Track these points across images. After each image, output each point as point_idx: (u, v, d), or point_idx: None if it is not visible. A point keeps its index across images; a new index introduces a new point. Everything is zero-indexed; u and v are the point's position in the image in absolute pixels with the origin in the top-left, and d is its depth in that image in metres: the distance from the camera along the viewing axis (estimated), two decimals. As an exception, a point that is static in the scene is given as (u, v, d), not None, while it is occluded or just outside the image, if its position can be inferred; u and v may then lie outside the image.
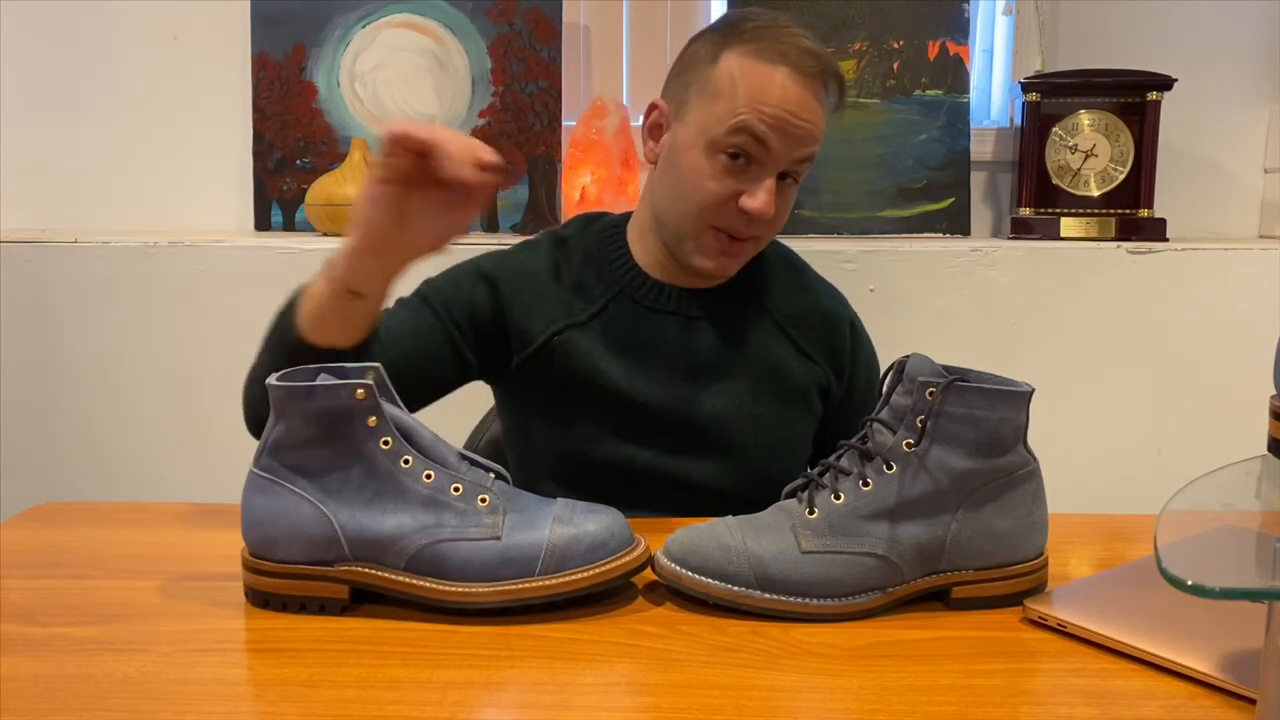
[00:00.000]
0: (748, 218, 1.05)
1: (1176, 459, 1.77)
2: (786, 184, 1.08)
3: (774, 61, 1.03)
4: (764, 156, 1.04)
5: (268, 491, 0.79)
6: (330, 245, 1.71)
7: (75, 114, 1.99)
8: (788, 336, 1.16)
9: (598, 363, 1.11)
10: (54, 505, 1.10)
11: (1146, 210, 1.84)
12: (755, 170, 1.05)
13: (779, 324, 1.16)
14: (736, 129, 1.03)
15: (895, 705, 0.66)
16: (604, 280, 1.14)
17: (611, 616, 0.79)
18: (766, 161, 1.04)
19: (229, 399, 1.77)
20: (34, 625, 0.77)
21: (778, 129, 1.03)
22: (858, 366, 1.20)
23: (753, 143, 1.03)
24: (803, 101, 1.03)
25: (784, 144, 1.04)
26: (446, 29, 1.93)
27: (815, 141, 1.06)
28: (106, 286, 1.74)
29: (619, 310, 1.13)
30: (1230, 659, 0.68)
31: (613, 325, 1.13)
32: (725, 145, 1.04)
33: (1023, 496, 0.81)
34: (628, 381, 1.11)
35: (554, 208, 1.92)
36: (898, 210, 1.90)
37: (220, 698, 0.66)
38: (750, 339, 1.14)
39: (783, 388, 1.14)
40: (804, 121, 1.04)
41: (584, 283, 1.14)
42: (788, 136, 1.03)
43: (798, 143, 1.04)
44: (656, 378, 1.11)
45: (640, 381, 1.11)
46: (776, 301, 1.17)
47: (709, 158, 1.05)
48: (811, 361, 1.16)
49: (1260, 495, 0.75)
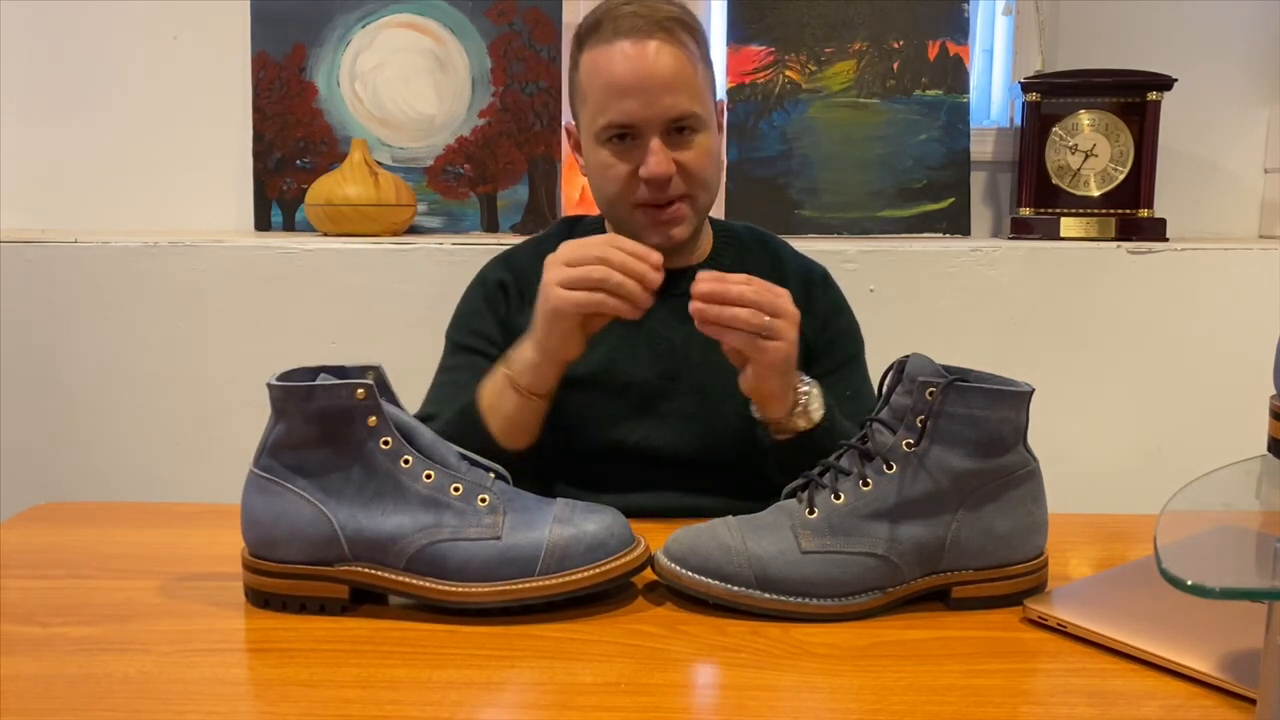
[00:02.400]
0: (655, 183, 1.10)
1: (1176, 459, 1.77)
2: (686, 135, 1.11)
3: (610, 40, 1.09)
4: (638, 125, 1.09)
5: (268, 491, 0.79)
6: (330, 245, 1.72)
7: (75, 114, 1.99)
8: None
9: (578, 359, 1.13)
10: (54, 505, 1.10)
11: (1146, 210, 1.84)
12: (638, 140, 1.10)
13: None
14: (603, 115, 1.10)
15: (895, 705, 0.66)
16: None
17: (611, 616, 0.79)
18: (643, 128, 1.09)
19: (229, 399, 1.78)
20: (34, 625, 0.77)
21: (633, 95, 1.08)
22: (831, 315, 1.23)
23: (621, 119, 1.09)
24: (644, 59, 1.08)
25: (645, 105, 1.08)
26: (446, 29, 1.93)
27: (679, 88, 1.09)
28: (106, 286, 1.74)
29: None
30: (1230, 659, 0.68)
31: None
32: (605, 134, 1.11)
33: (1023, 496, 0.81)
34: (611, 366, 1.14)
35: (554, 208, 1.92)
36: (898, 210, 1.90)
37: (220, 698, 0.66)
38: None
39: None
40: (654, 76, 1.08)
41: None
42: (645, 96, 1.08)
43: (656, 97, 1.08)
44: (639, 359, 1.14)
45: (624, 364, 1.15)
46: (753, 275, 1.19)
47: (601, 150, 1.13)
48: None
49: (1260, 495, 0.75)
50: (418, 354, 1.24)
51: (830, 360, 1.21)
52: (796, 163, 1.90)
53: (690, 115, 1.10)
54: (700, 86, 1.12)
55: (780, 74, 1.92)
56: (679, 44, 1.09)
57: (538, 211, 1.92)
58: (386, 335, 1.71)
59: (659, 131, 1.10)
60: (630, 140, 1.11)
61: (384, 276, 1.71)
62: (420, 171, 1.92)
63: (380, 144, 1.92)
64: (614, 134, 1.11)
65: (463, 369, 1.17)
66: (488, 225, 1.92)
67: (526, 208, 1.92)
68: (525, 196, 1.92)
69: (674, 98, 1.09)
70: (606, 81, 1.09)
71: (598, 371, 1.14)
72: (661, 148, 1.09)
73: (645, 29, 1.08)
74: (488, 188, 1.92)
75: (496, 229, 1.92)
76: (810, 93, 1.92)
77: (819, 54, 1.92)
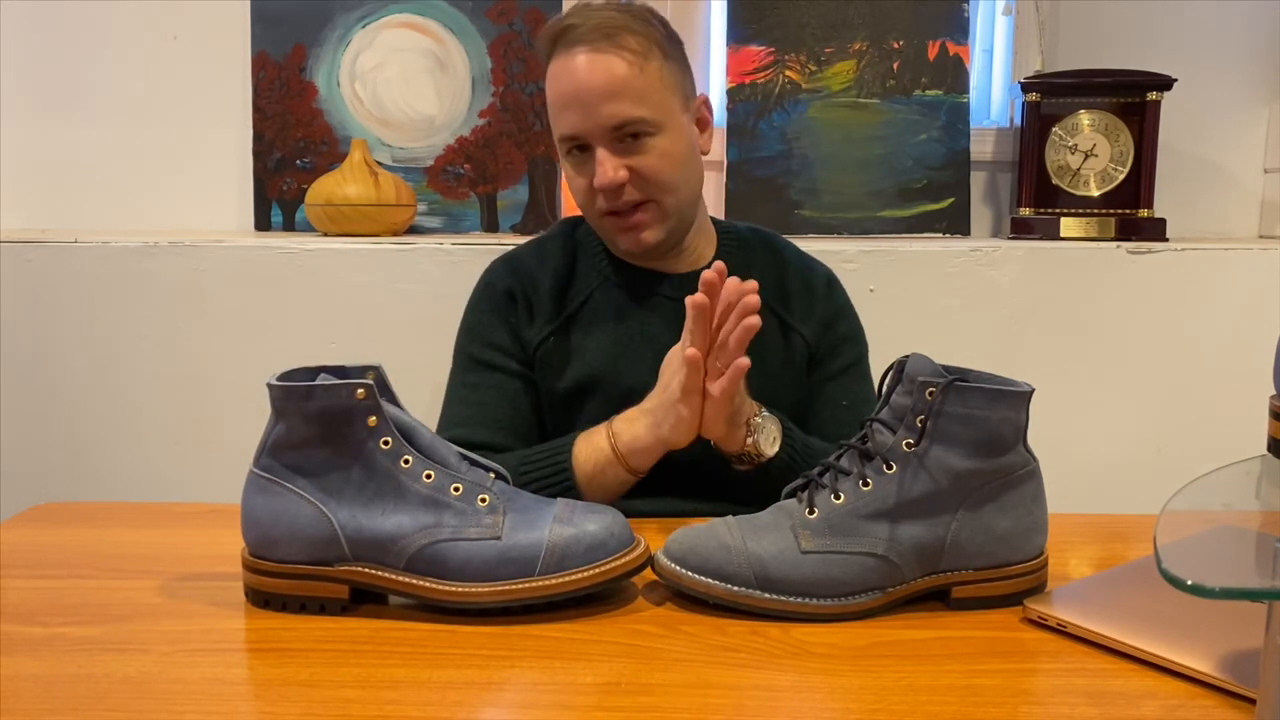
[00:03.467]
0: (606, 192, 1.11)
1: (1176, 459, 1.77)
2: (640, 140, 1.11)
3: (561, 52, 1.11)
4: (582, 136, 1.11)
5: (268, 491, 0.79)
6: (330, 245, 1.72)
7: (75, 114, 1.98)
8: (770, 310, 1.19)
9: (583, 359, 1.15)
10: (54, 505, 1.10)
11: (1146, 210, 1.84)
12: (589, 152, 1.12)
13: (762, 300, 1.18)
14: (557, 128, 1.13)
15: (895, 705, 0.66)
16: (588, 274, 1.20)
17: (611, 616, 0.79)
18: (589, 139, 1.11)
19: (229, 399, 1.78)
20: (34, 625, 0.77)
21: (573, 107, 1.10)
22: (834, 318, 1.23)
23: (568, 130, 1.11)
24: (590, 68, 1.09)
25: (584, 117, 1.09)
26: (446, 29, 1.93)
27: (619, 95, 1.09)
28: (106, 286, 1.74)
29: (603, 300, 1.18)
30: (1230, 659, 0.68)
31: (596, 317, 1.17)
32: (563, 147, 1.14)
33: (1023, 496, 0.81)
34: (614, 369, 1.15)
35: (554, 208, 1.92)
36: (898, 210, 1.90)
37: (220, 698, 0.66)
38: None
39: (768, 362, 1.16)
40: (594, 86, 1.08)
41: (566, 283, 1.19)
42: (583, 107, 1.09)
43: (594, 108, 1.09)
44: (641, 362, 1.14)
45: (626, 367, 1.15)
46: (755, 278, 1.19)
47: (565, 162, 1.16)
48: (795, 333, 1.20)
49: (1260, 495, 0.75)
50: (418, 354, 1.24)
51: (832, 365, 1.21)
52: (796, 163, 1.90)
53: (634, 121, 1.09)
54: (650, 90, 1.10)
55: (780, 74, 1.92)
56: (622, 49, 1.09)
57: (538, 211, 1.92)
58: (386, 335, 1.71)
59: (604, 141, 1.10)
60: (585, 152, 1.12)
61: (384, 276, 1.71)
62: (420, 171, 1.92)
63: (380, 144, 1.92)
64: (570, 146, 1.13)
65: (485, 388, 1.17)
66: (488, 225, 1.92)
67: (526, 208, 1.92)
68: (525, 196, 1.92)
69: (613, 105, 1.09)
70: (555, 94, 1.12)
71: (599, 376, 1.14)
72: (608, 157, 1.10)
73: (588, 38, 1.09)
74: (488, 188, 1.92)
75: (496, 229, 1.92)
76: (810, 93, 1.92)
77: (819, 54, 1.92)
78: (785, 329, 1.19)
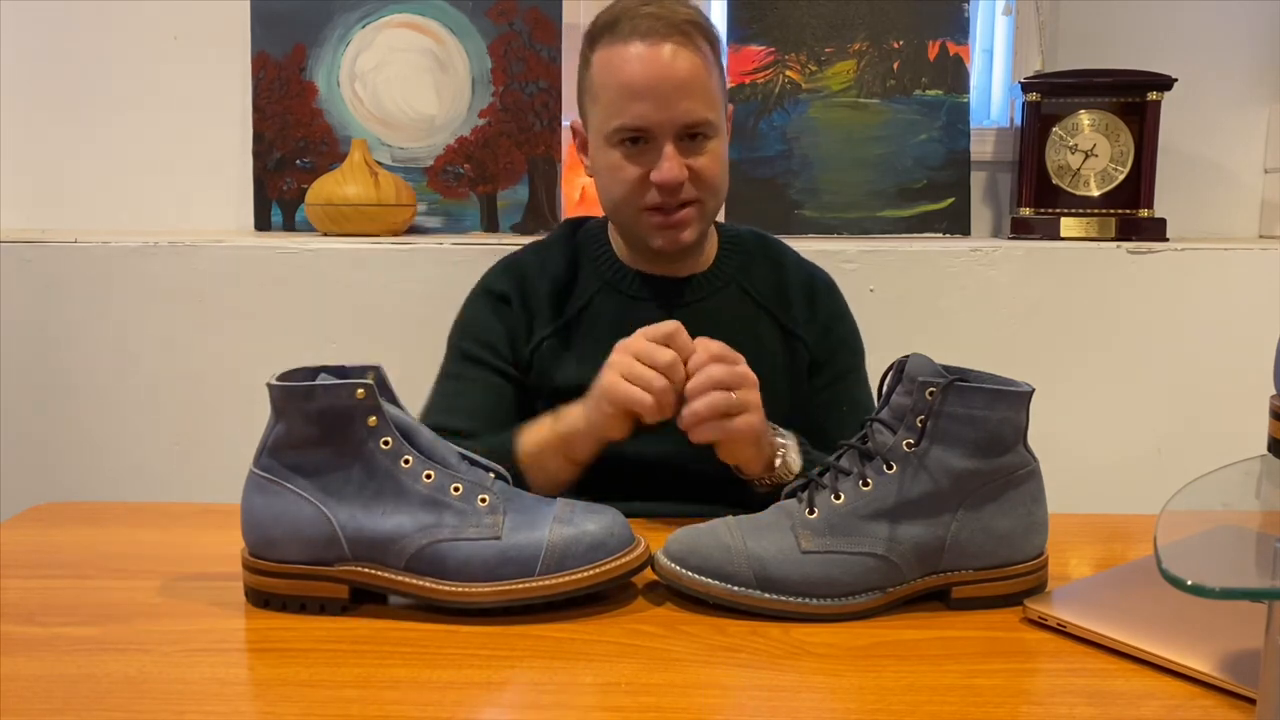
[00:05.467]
0: (667, 189, 1.09)
1: (1176, 459, 1.77)
2: (699, 141, 1.10)
3: (626, 40, 1.08)
4: (651, 129, 1.08)
5: (268, 491, 0.79)
6: (330, 245, 1.72)
7: (75, 114, 1.98)
8: (770, 315, 1.19)
9: (583, 360, 1.14)
10: (54, 505, 1.10)
11: (1146, 210, 1.84)
12: (651, 144, 1.09)
13: (761, 304, 1.20)
14: (616, 116, 1.08)
15: (895, 705, 0.66)
16: (589, 277, 1.19)
17: (611, 616, 0.79)
18: (656, 133, 1.08)
19: (229, 399, 1.78)
20: (34, 625, 0.77)
21: (648, 99, 1.07)
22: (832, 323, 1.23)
23: (635, 122, 1.08)
24: (661, 63, 1.06)
25: (660, 110, 1.07)
26: (446, 29, 1.93)
27: (695, 94, 1.08)
28: (106, 286, 1.74)
29: (604, 303, 1.17)
30: (1230, 659, 0.68)
31: (596, 321, 1.17)
32: (616, 136, 1.09)
33: (1023, 496, 0.81)
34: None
35: (554, 208, 1.92)
36: (898, 210, 1.90)
37: (220, 698, 0.66)
38: (733, 321, 1.16)
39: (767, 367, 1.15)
40: (670, 81, 1.06)
41: (566, 286, 1.19)
42: (661, 101, 1.07)
43: (672, 102, 1.07)
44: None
45: None
46: (756, 284, 1.20)
47: (611, 152, 1.11)
48: (795, 338, 1.20)
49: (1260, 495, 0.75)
50: (418, 354, 1.24)
51: (830, 371, 1.21)
52: (796, 163, 1.90)
53: (704, 122, 1.09)
54: (714, 93, 1.11)
55: (780, 74, 1.92)
56: (695, 49, 1.08)
57: (538, 211, 1.92)
58: (386, 335, 1.71)
59: (672, 137, 1.08)
60: (643, 143, 1.09)
61: (384, 276, 1.71)
62: (420, 171, 1.92)
63: (380, 144, 1.92)
64: (626, 136, 1.09)
65: (470, 380, 1.17)
66: (488, 225, 1.92)
67: (526, 208, 1.92)
68: (525, 196, 1.92)
69: (689, 103, 1.08)
70: (621, 82, 1.08)
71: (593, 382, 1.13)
72: (675, 154, 1.08)
73: (663, 31, 1.07)
74: (488, 188, 1.92)
75: (496, 229, 1.92)
76: (810, 93, 1.92)
77: (819, 54, 1.92)
78: (785, 334, 1.19)
